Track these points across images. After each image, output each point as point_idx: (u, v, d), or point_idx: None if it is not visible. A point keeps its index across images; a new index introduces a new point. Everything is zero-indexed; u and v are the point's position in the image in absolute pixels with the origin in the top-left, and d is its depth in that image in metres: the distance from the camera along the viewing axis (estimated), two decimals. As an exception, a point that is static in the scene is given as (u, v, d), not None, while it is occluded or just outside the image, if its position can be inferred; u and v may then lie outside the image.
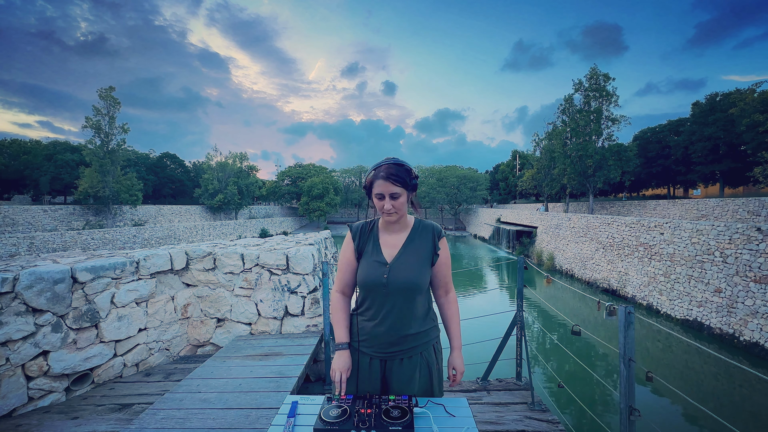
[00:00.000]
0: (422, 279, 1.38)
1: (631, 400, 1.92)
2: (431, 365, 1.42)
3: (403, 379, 1.37)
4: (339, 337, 1.40)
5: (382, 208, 1.35)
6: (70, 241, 22.25)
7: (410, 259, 1.39)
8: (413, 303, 1.37)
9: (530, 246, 25.63)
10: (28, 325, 2.43)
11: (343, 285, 1.48)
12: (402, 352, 1.37)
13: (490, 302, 14.65)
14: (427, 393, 1.42)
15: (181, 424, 1.95)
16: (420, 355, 1.40)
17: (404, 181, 1.32)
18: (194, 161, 54.22)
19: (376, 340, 1.37)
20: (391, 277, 1.35)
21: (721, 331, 9.89)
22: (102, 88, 29.49)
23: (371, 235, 1.45)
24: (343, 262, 1.48)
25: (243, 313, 3.63)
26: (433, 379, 1.43)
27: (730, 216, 17.99)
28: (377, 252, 1.40)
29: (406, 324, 1.36)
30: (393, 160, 1.35)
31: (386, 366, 1.40)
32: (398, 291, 1.34)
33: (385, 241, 1.43)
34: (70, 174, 33.99)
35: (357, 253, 1.44)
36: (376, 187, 1.32)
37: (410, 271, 1.36)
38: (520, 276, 3.11)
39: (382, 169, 1.32)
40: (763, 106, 22.15)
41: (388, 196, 1.32)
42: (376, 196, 1.33)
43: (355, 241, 1.45)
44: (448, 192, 51.33)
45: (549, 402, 3.38)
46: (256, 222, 41.39)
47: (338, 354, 1.37)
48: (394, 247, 1.41)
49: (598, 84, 25.18)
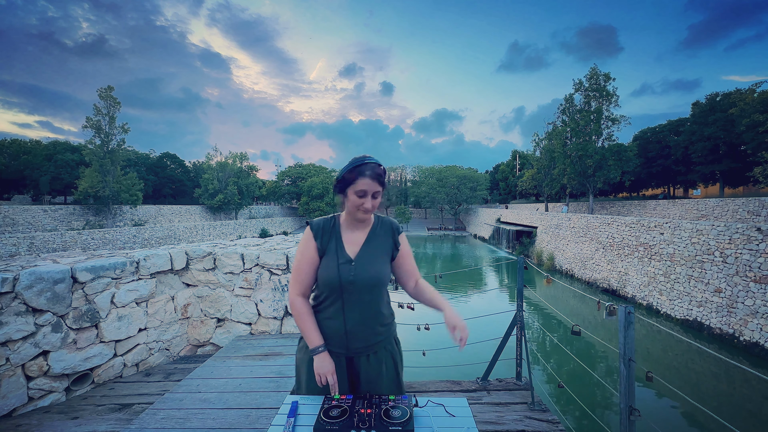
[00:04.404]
0: (386, 274, 1.41)
1: (631, 400, 1.92)
2: (395, 357, 1.45)
3: (371, 375, 1.38)
4: (314, 341, 1.35)
5: (360, 206, 1.33)
6: (70, 241, 22.26)
7: (373, 255, 1.40)
8: (378, 298, 1.40)
9: (530, 246, 25.64)
10: (28, 325, 2.43)
11: (304, 287, 1.41)
12: (368, 348, 1.38)
13: (490, 302, 14.65)
14: (394, 385, 1.42)
15: (181, 424, 1.95)
16: (384, 349, 1.41)
17: (384, 183, 1.35)
18: (194, 161, 54.37)
19: (342, 338, 1.36)
20: (358, 274, 1.35)
21: (721, 331, 9.89)
22: (102, 88, 29.54)
23: (333, 233, 1.42)
24: (305, 261, 1.41)
25: (243, 313, 3.63)
26: (399, 371, 1.46)
27: (730, 216, 18.00)
28: (341, 249, 1.39)
29: (371, 319, 1.38)
30: (375, 160, 1.35)
31: (353, 364, 1.39)
32: (364, 287, 1.35)
33: (347, 238, 1.42)
34: (70, 174, 34.00)
35: (319, 251, 1.40)
36: (360, 185, 1.31)
37: (375, 267, 1.38)
38: (520, 276, 3.11)
39: (368, 167, 1.31)
40: (763, 106, 22.18)
41: (371, 195, 1.32)
42: (357, 193, 1.32)
43: (318, 240, 1.40)
44: (448, 192, 51.36)
45: (549, 402, 3.38)
46: (256, 222, 41.42)
47: (319, 357, 1.33)
48: (356, 244, 1.41)
49: (598, 84, 25.20)
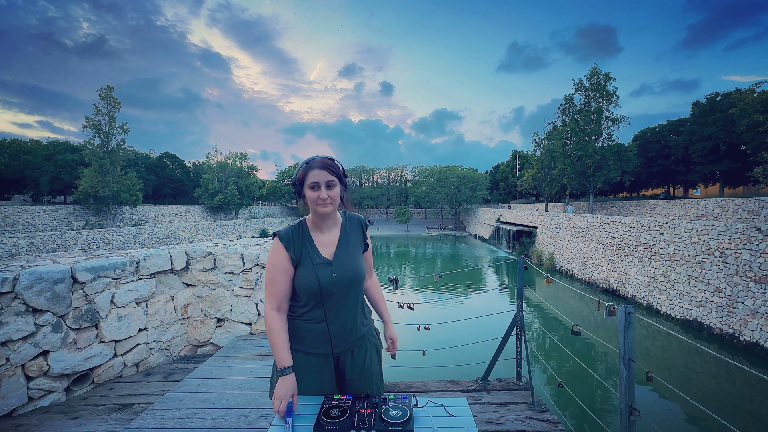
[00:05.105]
0: (363, 269, 1.43)
1: (631, 400, 1.92)
2: (378, 348, 1.49)
3: (356, 370, 1.39)
4: (283, 361, 1.27)
5: (316, 199, 1.29)
6: (70, 241, 22.26)
7: (349, 252, 1.41)
8: (359, 295, 1.42)
9: (530, 246, 25.64)
10: (28, 325, 2.43)
11: (280, 300, 1.33)
12: (353, 344, 1.39)
13: (490, 302, 14.65)
14: (378, 375, 1.46)
15: (181, 424, 1.95)
16: (368, 341, 1.44)
17: (339, 173, 1.33)
18: (194, 161, 54.39)
19: (326, 341, 1.35)
20: (339, 275, 1.34)
21: (721, 331, 9.89)
22: (102, 88, 29.54)
23: (304, 239, 1.37)
24: (278, 273, 1.33)
25: (243, 313, 3.63)
26: (380, 360, 1.51)
27: (730, 216, 18.00)
28: (316, 254, 1.35)
29: (354, 317, 1.39)
30: (325, 155, 1.35)
31: (339, 362, 1.40)
32: (346, 286, 1.35)
33: (319, 240, 1.38)
34: (70, 174, 34.00)
35: (293, 261, 1.34)
36: (311, 177, 1.29)
37: (353, 265, 1.38)
38: (520, 276, 3.11)
39: (316, 161, 1.31)
40: (763, 106, 22.18)
41: (324, 185, 1.29)
42: (310, 187, 1.30)
43: (290, 249, 1.34)
44: (448, 192, 51.38)
45: (549, 402, 3.38)
46: (256, 222, 41.41)
47: (283, 380, 1.25)
48: (330, 245, 1.39)
49: (598, 84, 25.19)
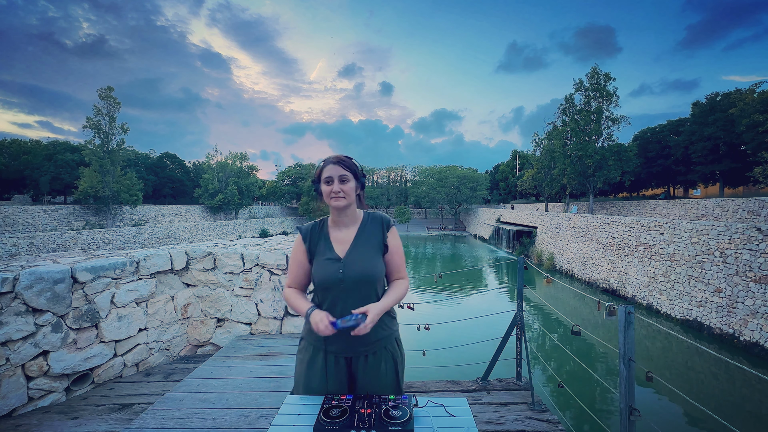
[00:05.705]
0: (377, 270, 1.37)
1: (631, 400, 1.92)
2: (396, 357, 1.42)
3: (369, 375, 1.36)
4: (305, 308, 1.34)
5: (329, 193, 1.33)
6: (70, 241, 22.26)
7: (363, 251, 1.38)
8: (372, 296, 1.37)
9: (530, 246, 25.63)
10: (28, 325, 2.43)
11: (296, 283, 1.45)
12: (367, 348, 1.36)
13: (490, 302, 14.65)
14: (393, 386, 1.39)
15: (181, 424, 1.95)
16: (385, 348, 1.39)
17: (354, 169, 1.36)
18: (194, 161, 54.37)
19: (338, 338, 1.33)
20: (347, 272, 1.33)
21: (721, 331, 9.89)
22: (102, 88, 29.54)
23: (321, 234, 1.42)
24: (294, 264, 1.44)
25: (243, 313, 3.63)
26: (399, 372, 1.42)
27: (730, 216, 18.00)
28: (329, 249, 1.38)
29: None
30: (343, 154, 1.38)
31: (352, 364, 1.37)
32: (355, 285, 1.33)
33: (335, 237, 1.41)
34: (70, 174, 33.99)
35: (309, 254, 1.41)
36: (325, 172, 1.33)
37: (364, 264, 1.36)
38: (520, 276, 3.11)
39: (331, 157, 1.36)
40: (763, 106, 22.17)
41: (337, 178, 1.32)
42: (325, 181, 1.33)
43: (306, 243, 1.42)
44: (448, 192, 51.36)
45: (549, 402, 3.38)
46: (256, 222, 41.42)
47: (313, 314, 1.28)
48: (345, 243, 1.40)
49: (598, 84, 25.18)
